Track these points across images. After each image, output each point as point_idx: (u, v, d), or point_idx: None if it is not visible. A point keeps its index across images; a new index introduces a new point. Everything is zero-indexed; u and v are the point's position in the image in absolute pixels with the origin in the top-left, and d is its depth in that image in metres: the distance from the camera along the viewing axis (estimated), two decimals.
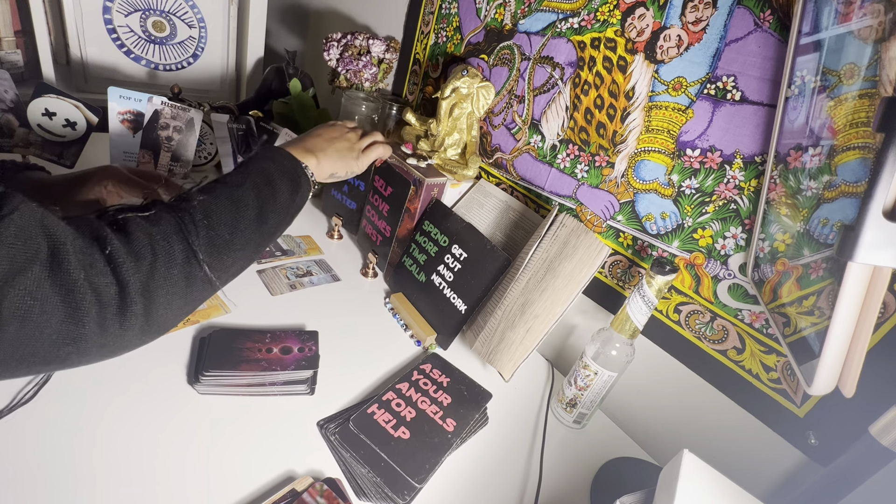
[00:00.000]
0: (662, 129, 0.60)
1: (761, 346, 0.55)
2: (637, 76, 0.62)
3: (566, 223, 0.64)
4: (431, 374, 0.63)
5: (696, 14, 0.56)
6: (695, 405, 0.62)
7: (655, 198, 0.62)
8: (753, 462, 0.56)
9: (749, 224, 0.55)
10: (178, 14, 1.15)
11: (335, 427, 0.53)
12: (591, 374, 0.60)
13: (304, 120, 0.94)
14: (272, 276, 0.74)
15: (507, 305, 0.66)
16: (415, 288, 0.75)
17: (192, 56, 1.22)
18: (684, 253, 0.60)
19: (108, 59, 1.14)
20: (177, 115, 0.86)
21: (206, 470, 0.46)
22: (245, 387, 0.54)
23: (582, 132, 0.70)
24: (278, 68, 1.13)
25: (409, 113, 0.90)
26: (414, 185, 0.76)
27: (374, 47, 0.98)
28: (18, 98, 0.82)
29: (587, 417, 0.64)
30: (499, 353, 0.65)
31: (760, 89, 0.52)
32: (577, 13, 0.69)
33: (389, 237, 0.81)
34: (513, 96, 0.79)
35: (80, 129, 0.86)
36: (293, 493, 0.45)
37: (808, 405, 0.51)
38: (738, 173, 0.55)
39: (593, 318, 0.72)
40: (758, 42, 0.52)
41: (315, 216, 0.97)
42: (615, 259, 0.69)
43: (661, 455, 0.65)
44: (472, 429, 0.59)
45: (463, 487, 0.53)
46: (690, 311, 0.61)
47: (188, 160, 0.89)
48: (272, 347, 0.58)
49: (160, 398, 0.51)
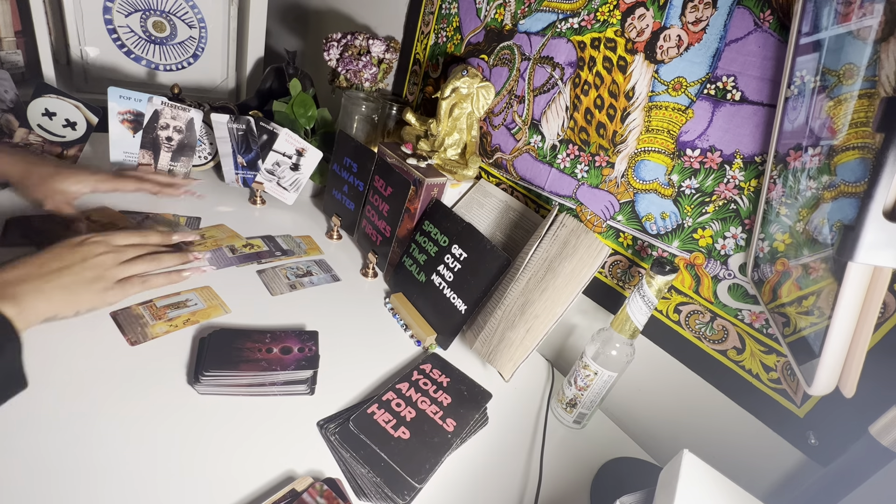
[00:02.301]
0: (662, 129, 0.60)
1: (761, 346, 0.55)
2: (637, 76, 0.62)
3: (566, 223, 0.64)
4: (431, 374, 0.63)
5: (696, 14, 0.56)
6: (695, 405, 0.62)
7: (655, 198, 0.62)
8: (753, 462, 0.56)
9: (749, 224, 0.55)
10: (178, 14, 1.15)
11: (335, 427, 0.53)
12: (591, 374, 0.60)
13: (304, 120, 0.94)
14: (272, 276, 0.74)
15: (507, 305, 0.66)
16: (415, 288, 0.75)
17: (192, 56, 1.22)
18: (684, 253, 0.60)
19: (108, 59, 1.14)
20: (177, 115, 0.86)
21: (206, 470, 0.46)
22: (245, 387, 0.54)
23: (582, 132, 0.70)
24: (278, 68, 1.13)
25: (409, 113, 0.90)
26: (414, 185, 0.76)
27: (374, 47, 0.98)
28: (18, 98, 0.82)
29: (587, 417, 0.64)
30: (499, 353, 0.65)
31: (760, 89, 0.52)
32: (577, 13, 0.69)
33: (389, 237, 0.81)
34: (513, 96, 0.79)
35: (80, 129, 0.86)
36: (293, 493, 0.45)
37: (808, 405, 0.51)
38: (738, 173, 0.55)
39: (593, 318, 0.72)
40: (758, 42, 0.52)
41: (315, 216, 0.97)
42: (615, 259, 0.69)
43: (661, 455, 0.65)
44: (472, 429, 0.59)
45: (463, 487, 0.53)
46: (690, 311, 0.61)
47: (188, 160, 0.89)
48: (272, 347, 0.58)
49: (160, 398, 0.51)
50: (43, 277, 0.47)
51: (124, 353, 0.55)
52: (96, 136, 0.88)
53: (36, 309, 0.45)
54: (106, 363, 0.53)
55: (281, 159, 0.89)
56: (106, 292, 0.52)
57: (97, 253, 0.51)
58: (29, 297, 0.44)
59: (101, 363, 0.53)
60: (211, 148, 0.96)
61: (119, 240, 0.55)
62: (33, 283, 0.46)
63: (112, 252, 0.53)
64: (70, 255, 0.50)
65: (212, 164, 0.98)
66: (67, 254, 0.50)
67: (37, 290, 0.45)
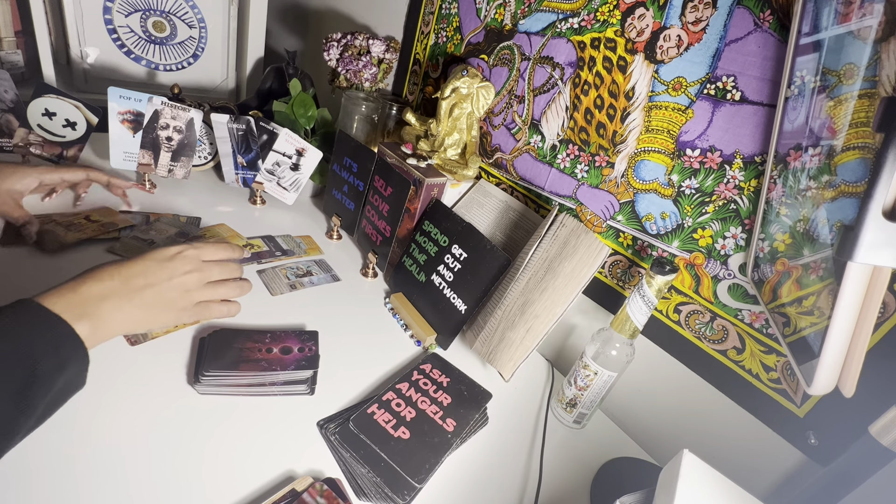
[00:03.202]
0: (662, 129, 0.60)
1: (761, 346, 0.55)
2: (637, 76, 0.62)
3: (566, 223, 0.64)
4: (431, 374, 0.63)
5: (696, 14, 0.56)
6: (695, 405, 0.62)
7: (655, 198, 0.62)
8: (753, 462, 0.56)
9: (749, 224, 0.55)
10: (178, 14, 1.15)
11: (335, 427, 0.53)
12: (591, 374, 0.60)
13: (304, 120, 0.94)
14: (272, 276, 0.74)
15: (507, 305, 0.66)
16: (415, 288, 0.75)
17: (192, 56, 1.22)
18: (684, 253, 0.60)
19: (108, 59, 1.14)
20: (177, 115, 0.86)
21: (205, 470, 0.46)
22: (245, 387, 0.54)
23: (582, 132, 0.70)
24: (278, 68, 1.13)
25: (409, 113, 0.90)
26: (414, 185, 0.76)
27: (374, 47, 0.98)
28: (18, 98, 0.82)
29: (587, 417, 0.64)
30: (499, 352, 0.65)
31: (760, 89, 0.52)
32: (577, 13, 0.69)
33: (389, 237, 0.81)
34: (513, 96, 0.79)
35: (80, 129, 0.86)
36: (293, 493, 0.45)
37: (808, 405, 0.51)
38: (738, 173, 0.55)
39: (593, 318, 0.72)
40: (757, 42, 0.52)
41: (315, 216, 0.97)
42: (615, 259, 0.69)
43: (661, 455, 0.65)
44: (472, 429, 0.59)
45: (463, 487, 0.53)
46: (690, 311, 0.61)
47: (188, 160, 0.89)
48: (272, 347, 0.58)
49: (160, 398, 0.51)
50: (126, 295, 0.45)
51: (124, 353, 0.55)
52: (96, 136, 0.88)
53: (112, 327, 0.44)
54: (106, 363, 0.53)
55: (281, 159, 0.89)
56: (182, 312, 0.50)
57: (185, 271, 0.50)
58: (108, 314, 0.43)
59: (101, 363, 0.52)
60: (211, 148, 0.96)
61: (208, 253, 0.53)
62: (116, 300, 0.44)
63: (198, 271, 0.51)
64: (159, 270, 0.48)
65: (212, 164, 0.98)
66: (156, 269, 0.48)
67: (117, 308, 0.44)
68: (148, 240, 0.73)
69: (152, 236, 0.74)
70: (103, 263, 0.46)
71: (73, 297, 0.42)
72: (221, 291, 0.53)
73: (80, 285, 0.43)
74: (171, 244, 0.52)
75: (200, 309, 0.52)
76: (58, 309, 0.40)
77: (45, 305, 0.40)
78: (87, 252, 0.68)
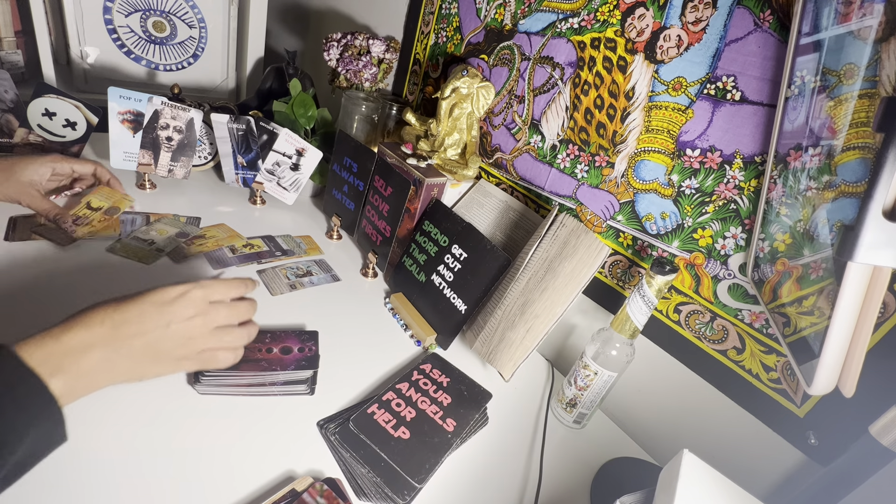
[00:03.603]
0: (662, 129, 0.60)
1: (761, 346, 0.55)
2: (637, 76, 0.62)
3: (566, 223, 0.64)
4: (431, 374, 0.63)
5: (696, 14, 0.56)
6: (695, 405, 0.62)
7: (655, 198, 0.62)
8: (753, 462, 0.56)
9: (749, 224, 0.55)
10: (178, 14, 1.15)
11: (335, 427, 0.53)
12: (591, 374, 0.60)
13: (304, 120, 0.94)
14: (272, 276, 0.74)
15: (507, 305, 0.66)
16: (415, 288, 0.75)
17: (192, 56, 1.22)
18: (684, 253, 0.60)
19: (108, 59, 1.14)
20: (177, 115, 0.86)
21: (205, 470, 0.46)
22: (245, 387, 0.54)
23: (582, 132, 0.70)
24: (278, 68, 1.13)
25: (409, 113, 0.90)
26: (414, 185, 0.76)
27: (374, 47, 0.98)
28: (18, 98, 0.82)
29: (587, 417, 0.64)
30: (499, 353, 0.65)
31: (760, 89, 0.52)
32: (577, 13, 0.69)
33: (389, 237, 0.81)
34: (513, 96, 0.79)
35: (80, 129, 0.86)
36: (293, 493, 0.45)
37: (808, 405, 0.51)
38: (738, 173, 0.55)
39: (593, 318, 0.72)
40: (758, 42, 0.52)
41: (315, 216, 0.97)
42: (615, 259, 0.69)
43: (661, 455, 0.65)
44: (472, 429, 0.59)
45: (463, 487, 0.53)
46: (690, 311, 0.61)
47: (188, 160, 0.89)
48: (272, 347, 0.58)
49: (160, 398, 0.51)
50: (113, 344, 0.40)
51: None
52: (96, 136, 0.88)
53: (94, 380, 0.40)
54: None
55: (281, 159, 0.89)
56: (182, 361, 0.45)
57: (187, 316, 0.44)
58: (91, 367, 0.39)
59: None
60: (211, 148, 0.96)
61: (218, 292, 0.47)
62: (101, 350, 0.40)
63: (202, 315, 0.45)
64: (156, 316, 0.42)
65: (212, 164, 0.98)
66: (153, 314, 0.42)
67: (103, 360, 0.40)
68: (148, 240, 0.73)
69: (152, 236, 0.74)
70: (98, 304, 0.42)
71: (55, 346, 0.38)
72: (227, 340, 0.48)
73: (65, 333, 0.39)
74: (178, 283, 0.46)
75: (206, 358, 0.47)
76: (34, 361, 0.36)
77: (21, 356, 0.36)
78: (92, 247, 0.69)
